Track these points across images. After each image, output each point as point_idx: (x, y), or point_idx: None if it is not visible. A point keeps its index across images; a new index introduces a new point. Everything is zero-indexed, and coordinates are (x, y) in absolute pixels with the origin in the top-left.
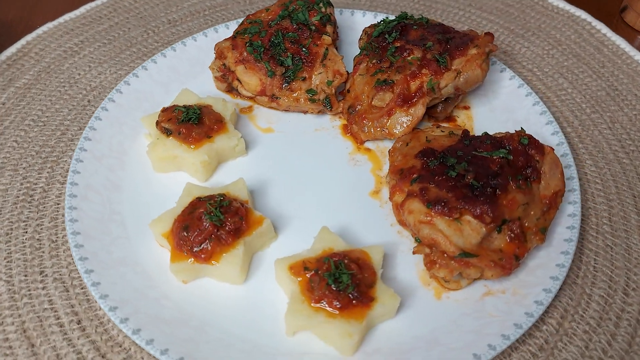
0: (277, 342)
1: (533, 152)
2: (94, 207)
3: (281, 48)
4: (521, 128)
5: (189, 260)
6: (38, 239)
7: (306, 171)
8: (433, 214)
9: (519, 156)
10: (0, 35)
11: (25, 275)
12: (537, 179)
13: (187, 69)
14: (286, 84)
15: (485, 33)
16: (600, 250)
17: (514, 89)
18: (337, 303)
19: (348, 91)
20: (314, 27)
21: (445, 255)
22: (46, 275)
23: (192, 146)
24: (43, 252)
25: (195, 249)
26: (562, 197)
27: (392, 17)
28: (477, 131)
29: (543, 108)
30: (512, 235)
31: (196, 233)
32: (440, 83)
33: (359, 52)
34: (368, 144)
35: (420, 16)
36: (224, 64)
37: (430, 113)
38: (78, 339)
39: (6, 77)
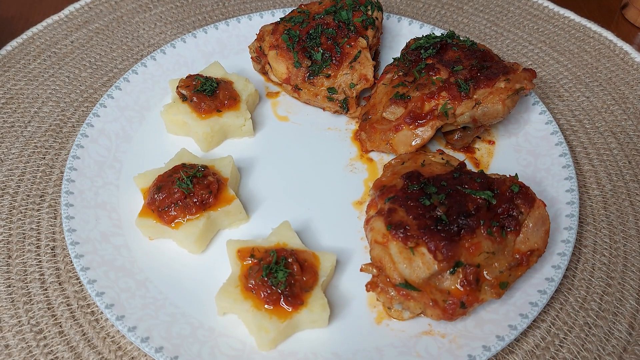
0: (205, 316)
1: (520, 202)
2: (99, 151)
3: (315, 42)
4: (515, 174)
5: (154, 219)
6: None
7: (301, 165)
8: (390, 236)
9: (502, 202)
10: (1, 32)
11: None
12: (515, 231)
13: (233, 45)
14: (310, 78)
15: (525, 69)
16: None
17: (547, 134)
18: (265, 296)
19: (370, 98)
20: (353, 28)
21: (389, 281)
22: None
23: (202, 116)
24: (49, 179)
25: (161, 210)
26: (538, 258)
27: (439, 33)
28: (493, 169)
29: (568, 161)
30: (465, 281)
31: (165, 196)
32: (456, 109)
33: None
34: (372, 155)
35: (467, 38)
36: (260, 47)
37: (447, 139)
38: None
39: (82, 19)
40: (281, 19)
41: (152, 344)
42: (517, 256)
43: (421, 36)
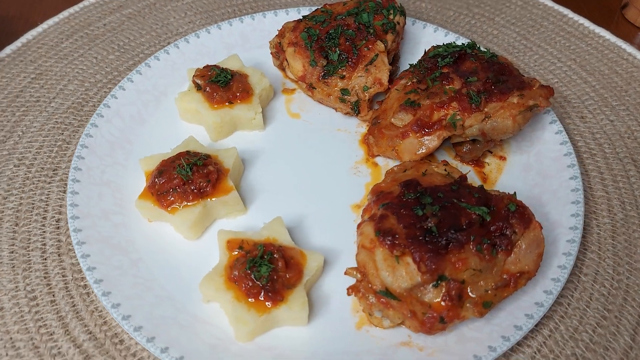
0: (190, 302)
1: (515, 221)
2: (112, 131)
3: (334, 42)
4: (514, 192)
5: (152, 202)
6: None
7: (306, 163)
8: (377, 243)
9: (497, 220)
10: (1, 32)
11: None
12: (506, 251)
13: (256, 39)
14: (324, 77)
15: (542, 85)
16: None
17: (560, 155)
18: (246, 289)
19: (382, 102)
20: (372, 31)
21: (370, 287)
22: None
23: (215, 106)
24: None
25: (160, 194)
26: (528, 281)
27: (461, 42)
28: (500, 185)
29: (577, 184)
30: (447, 295)
31: (164, 180)
32: (465, 121)
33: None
34: (378, 159)
35: (487, 50)
36: (279, 43)
37: (456, 150)
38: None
39: (117, 3)
40: (303, 16)
41: (132, 322)
42: (506, 277)
43: (442, 44)
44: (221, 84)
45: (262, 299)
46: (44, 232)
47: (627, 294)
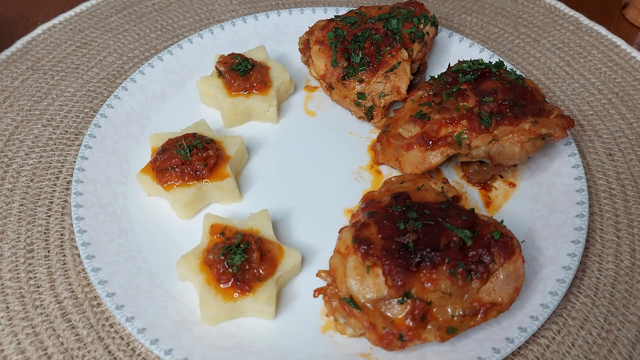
0: (167, 278)
1: (497, 250)
2: (133, 105)
3: (359, 45)
4: (501, 220)
5: (151, 177)
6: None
7: (310, 161)
8: (352, 249)
9: (478, 246)
10: (1, 32)
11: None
12: (482, 279)
13: (289, 33)
14: (343, 79)
15: (562, 115)
16: None
17: (572, 190)
18: (216, 274)
19: (397, 111)
20: (399, 38)
21: (336, 292)
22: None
23: (232, 93)
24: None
25: (159, 170)
26: (499, 314)
27: (493, 60)
28: (503, 212)
29: (582, 223)
30: (410, 314)
31: (165, 158)
32: (472, 141)
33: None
34: (383, 168)
35: (514, 71)
36: (307, 40)
37: (463, 170)
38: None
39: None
40: (335, 16)
41: (107, 288)
42: (476, 305)
43: (468, 60)
44: (240, 73)
45: (231, 286)
46: (54, 191)
47: (614, 347)
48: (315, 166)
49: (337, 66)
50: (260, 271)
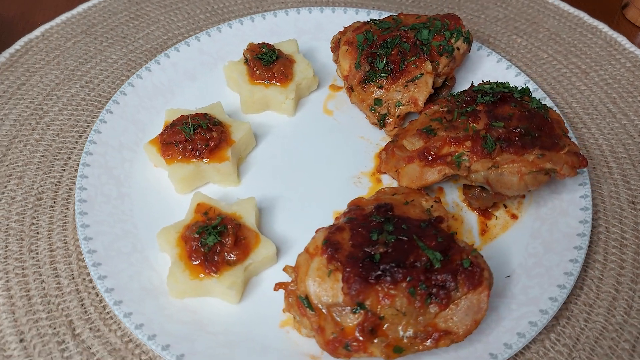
0: (149, 247)
1: (463, 278)
2: (161, 79)
3: (385, 51)
4: (475, 249)
5: (157, 149)
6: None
7: (314, 159)
8: (320, 250)
9: (445, 271)
10: (1, 32)
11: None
12: (441, 304)
13: (329, 31)
14: (363, 82)
15: (574, 152)
16: None
17: (572, 233)
18: (188, 250)
19: (411, 122)
20: (426, 49)
21: (295, 289)
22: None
23: (253, 81)
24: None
25: (164, 143)
26: (451, 343)
27: (525, 86)
28: (497, 243)
29: (574, 269)
30: (361, 326)
31: (171, 132)
32: (472, 164)
33: None
34: (384, 177)
35: (537, 100)
36: (339, 39)
37: (464, 193)
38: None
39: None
40: (371, 19)
41: (89, 245)
42: (430, 329)
43: (491, 81)
44: (264, 62)
45: (199, 265)
46: (75, 148)
47: None
48: (317, 164)
49: (359, 69)
50: (231, 256)
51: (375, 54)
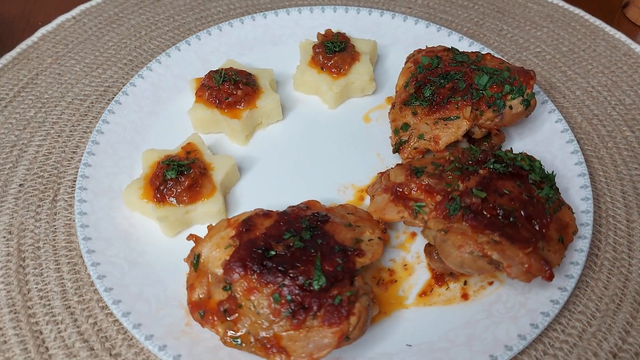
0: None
1: (326, 310)
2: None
3: (440, 82)
4: (366, 295)
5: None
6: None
7: (316, 155)
8: (236, 225)
9: (316, 296)
10: (2, 32)
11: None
12: (294, 325)
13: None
14: (403, 104)
15: (543, 259)
16: None
17: (500, 345)
18: (153, 174)
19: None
20: (475, 94)
21: (197, 246)
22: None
23: (311, 63)
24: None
25: (212, 92)
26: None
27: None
28: (425, 311)
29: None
30: (221, 303)
31: (215, 89)
32: (429, 221)
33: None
34: (368, 198)
35: (555, 192)
36: (413, 56)
37: (425, 251)
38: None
39: None
40: (453, 47)
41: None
42: (272, 341)
43: (519, 153)
44: (325, 50)
45: (151, 189)
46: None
47: None
48: (318, 162)
49: (406, 89)
50: (184, 197)
51: (429, 80)
